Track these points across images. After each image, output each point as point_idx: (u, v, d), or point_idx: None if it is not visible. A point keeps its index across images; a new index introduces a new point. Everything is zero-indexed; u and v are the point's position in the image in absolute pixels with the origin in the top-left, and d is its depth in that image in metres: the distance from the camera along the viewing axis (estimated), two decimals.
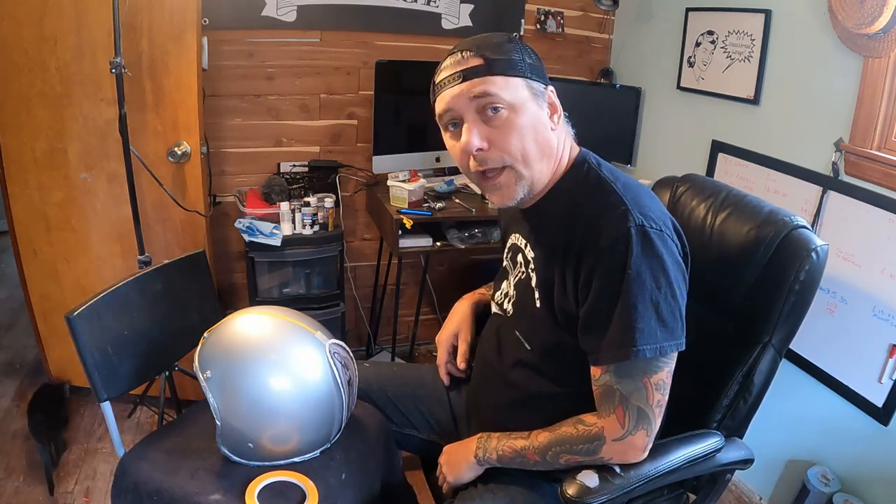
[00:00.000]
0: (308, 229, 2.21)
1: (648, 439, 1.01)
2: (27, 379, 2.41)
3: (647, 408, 0.98)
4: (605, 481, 1.00)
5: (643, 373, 0.97)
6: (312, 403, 1.15)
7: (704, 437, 1.12)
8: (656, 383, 0.98)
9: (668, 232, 0.98)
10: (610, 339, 0.96)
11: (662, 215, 1.01)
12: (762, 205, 1.24)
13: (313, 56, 2.35)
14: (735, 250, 1.21)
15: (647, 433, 1.00)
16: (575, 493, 0.98)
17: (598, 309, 0.97)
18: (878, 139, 1.64)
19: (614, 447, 1.00)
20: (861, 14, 1.57)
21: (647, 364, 0.97)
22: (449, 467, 1.19)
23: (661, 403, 1.00)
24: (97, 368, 1.26)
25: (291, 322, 1.20)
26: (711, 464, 1.13)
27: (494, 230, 2.22)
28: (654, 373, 0.98)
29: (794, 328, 1.18)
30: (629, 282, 0.94)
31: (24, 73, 1.87)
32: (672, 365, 1.00)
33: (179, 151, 1.97)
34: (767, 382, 1.20)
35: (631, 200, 0.98)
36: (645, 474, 1.03)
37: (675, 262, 0.98)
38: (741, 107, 2.07)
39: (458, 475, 1.17)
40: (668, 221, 1.01)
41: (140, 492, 1.16)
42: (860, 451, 1.71)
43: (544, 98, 1.03)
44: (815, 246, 1.14)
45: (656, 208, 1.01)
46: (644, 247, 0.94)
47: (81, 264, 2.12)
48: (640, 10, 2.56)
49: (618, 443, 1.00)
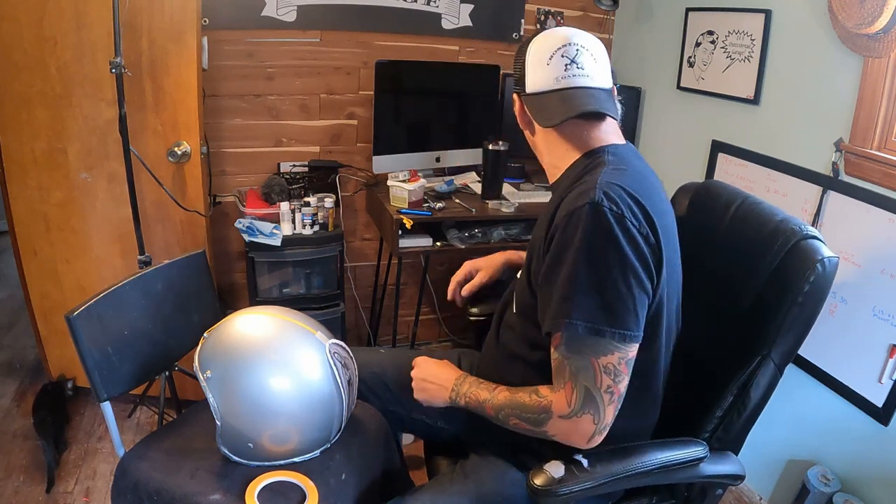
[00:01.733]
0: (308, 229, 2.21)
1: (595, 427, 1.00)
2: (27, 379, 2.41)
3: (595, 391, 0.98)
4: (570, 473, 1.01)
5: (591, 351, 0.97)
6: (312, 403, 1.16)
7: (686, 444, 1.10)
8: (605, 366, 0.97)
9: (630, 218, 0.96)
10: (551, 307, 0.99)
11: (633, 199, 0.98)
12: (775, 212, 1.22)
13: (313, 56, 2.35)
14: (743, 257, 1.19)
15: (594, 420, 0.99)
16: (542, 482, 0.99)
17: (547, 277, 1.01)
18: (878, 139, 1.64)
19: (559, 424, 1.01)
20: (861, 14, 1.57)
21: (594, 343, 0.97)
22: (423, 389, 1.23)
23: (612, 391, 0.99)
24: (97, 368, 1.26)
25: (291, 322, 1.20)
26: (693, 473, 1.11)
27: (494, 230, 2.23)
28: (603, 354, 0.97)
29: (797, 342, 1.16)
30: (574, 254, 0.96)
31: (24, 73, 1.87)
32: (627, 354, 0.98)
33: (179, 151, 1.97)
34: (765, 398, 1.17)
35: (603, 182, 0.98)
36: (613, 471, 1.03)
37: (633, 247, 0.96)
38: (741, 107, 2.07)
39: (430, 399, 1.23)
40: (637, 210, 0.98)
41: (140, 492, 1.16)
42: (860, 451, 1.71)
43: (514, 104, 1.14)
44: (822, 257, 1.10)
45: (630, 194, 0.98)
46: (598, 225, 0.95)
47: (81, 264, 2.12)
48: (640, 10, 2.56)
49: (563, 420, 1.01)
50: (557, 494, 0.99)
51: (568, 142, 1.10)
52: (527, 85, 1.08)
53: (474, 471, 1.19)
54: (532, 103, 1.08)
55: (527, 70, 1.07)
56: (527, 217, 2.24)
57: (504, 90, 2.50)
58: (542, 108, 1.06)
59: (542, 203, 2.27)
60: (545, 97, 1.06)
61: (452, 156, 2.51)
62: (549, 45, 1.06)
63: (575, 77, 1.04)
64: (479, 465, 1.20)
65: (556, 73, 1.05)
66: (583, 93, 1.04)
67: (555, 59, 1.04)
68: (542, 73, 1.06)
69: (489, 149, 2.20)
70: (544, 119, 1.06)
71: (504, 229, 2.24)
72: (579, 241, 0.95)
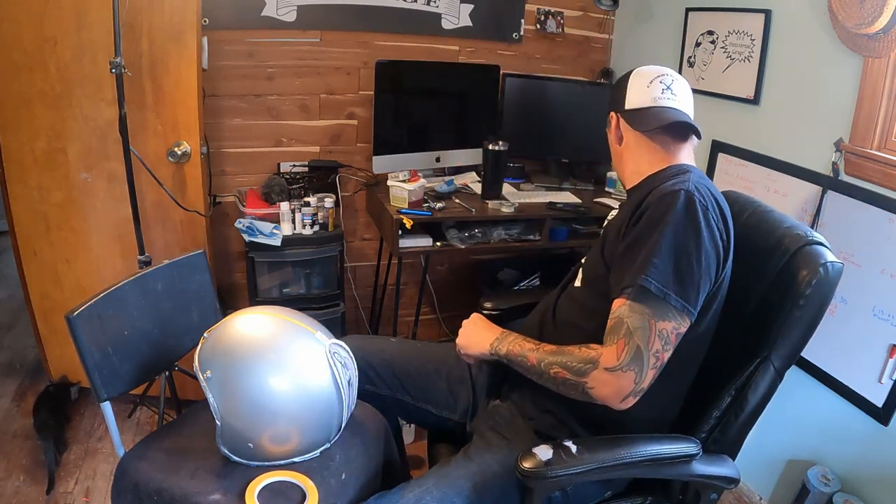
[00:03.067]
0: (308, 229, 2.21)
1: (634, 387, 1.05)
2: (27, 379, 2.41)
3: (646, 350, 1.05)
4: (558, 457, 1.03)
5: (651, 313, 1.05)
6: (312, 403, 1.16)
7: (678, 440, 1.12)
8: (660, 331, 1.05)
9: (713, 213, 1.10)
10: (633, 267, 1.08)
11: (716, 201, 1.13)
12: (784, 220, 1.25)
13: (313, 56, 2.35)
14: (751, 261, 1.21)
15: (635, 379, 1.05)
16: (530, 465, 1.02)
17: (630, 246, 1.11)
18: (878, 139, 1.64)
19: (602, 376, 1.07)
20: (861, 14, 1.57)
21: (657, 305, 1.05)
22: (467, 335, 1.34)
23: (659, 356, 1.06)
24: (97, 368, 1.26)
25: (291, 322, 1.20)
26: (684, 471, 1.12)
27: (494, 230, 2.23)
28: (661, 319, 1.05)
29: (798, 346, 1.17)
30: (662, 226, 1.07)
31: (24, 73, 1.87)
32: (680, 326, 1.06)
33: (179, 151, 1.97)
34: (764, 401, 1.18)
35: (694, 180, 1.13)
36: (601, 458, 1.05)
37: (710, 237, 1.08)
38: (741, 107, 2.07)
39: (468, 348, 1.32)
40: (718, 210, 1.12)
41: (140, 492, 1.16)
42: (860, 451, 1.71)
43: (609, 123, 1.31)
44: (825, 261, 1.12)
45: (714, 196, 1.13)
46: (687, 209, 1.08)
47: (81, 264, 2.12)
48: (639, 10, 2.56)
49: (607, 373, 1.06)
50: (546, 477, 1.02)
51: (654, 153, 1.24)
52: (626, 103, 1.25)
53: (478, 454, 1.21)
54: (630, 116, 1.25)
55: (628, 91, 1.25)
56: (527, 217, 2.24)
57: (504, 90, 2.50)
58: (640, 118, 1.23)
59: (542, 203, 2.30)
60: (643, 111, 1.23)
61: (452, 156, 2.51)
62: (649, 73, 1.26)
63: (669, 100, 1.23)
64: (482, 450, 1.22)
65: (654, 94, 1.23)
66: (675, 112, 1.22)
67: (654, 84, 1.24)
68: (642, 93, 1.24)
69: (489, 149, 2.20)
70: (643, 125, 1.22)
71: (504, 229, 2.24)
72: (669, 218, 1.07)
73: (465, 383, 1.44)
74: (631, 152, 1.27)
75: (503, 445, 1.22)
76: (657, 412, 1.20)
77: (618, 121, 1.29)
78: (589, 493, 1.22)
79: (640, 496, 1.25)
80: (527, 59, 2.66)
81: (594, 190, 2.54)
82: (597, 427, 1.21)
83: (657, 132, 1.22)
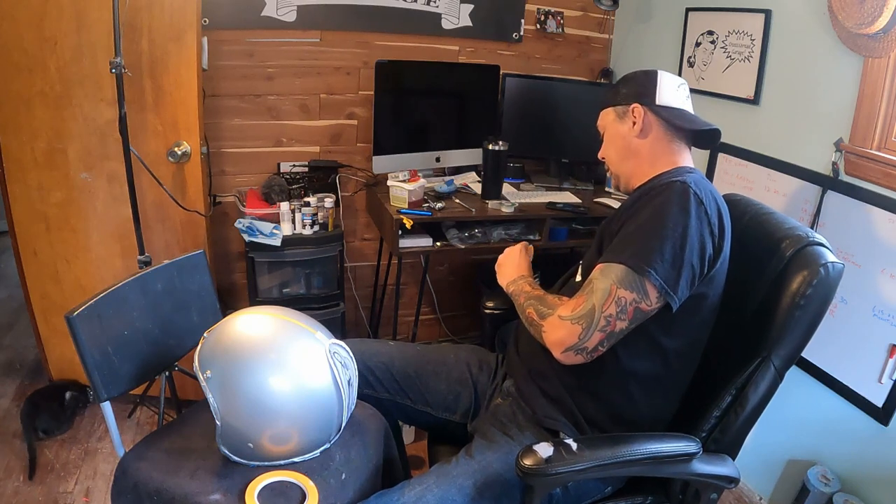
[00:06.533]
0: (308, 229, 2.21)
1: (577, 342, 1.11)
2: (27, 379, 2.41)
3: (598, 311, 1.10)
4: (559, 454, 1.04)
5: (616, 280, 1.10)
6: (312, 403, 1.16)
7: (678, 438, 1.12)
8: (619, 297, 1.10)
9: (708, 208, 1.12)
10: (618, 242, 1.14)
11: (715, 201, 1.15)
12: (785, 220, 1.26)
13: (313, 56, 2.35)
14: (753, 261, 1.22)
15: (580, 335, 1.11)
16: (531, 462, 1.03)
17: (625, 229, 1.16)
18: (878, 139, 1.64)
19: (553, 321, 1.16)
20: (861, 14, 1.57)
21: (624, 274, 1.10)
22: (500, 265, 1.47)
23: (610, 321, 1.10)
24: (97, 368, 1.26)
25: (291, 322, 1.20)
26: (684, 469, 1.12)
27: (494, 230, 2.22)
28: (624, 287, 1.09)
29: (798, 346, 1.17)
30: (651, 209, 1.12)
31: (24, 73, 1.87)
32: (642, 302, 1.10)
33: (179, 151, 1.97)
34: (764, 401, 1.18)
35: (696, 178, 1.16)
36: (601, 456, 1.05)
37: (698, 229, 1.10)
38: (741, 107, 2.07)
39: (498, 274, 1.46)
40: (715, 207, 1.14)
41: (140, 492, 1.16)
42: (860, 451, 1.71)
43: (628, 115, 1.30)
44: (825, 262, 1.13)
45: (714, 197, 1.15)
46: (680, 197, 1.11)
47: (81, 264, 2.12)
48: (639, 10, 2.56)
49: (559, 320, 1.14)
50: (546, 474, 1.02)
51: (669, 153, 1.28)
52: (657, 98, 1.28)
53: (480, 452, 1.21)
54: (665, 112, 1.27)
55: (660, 88, 1.29)
56: (527, 217, 2.24)
57: (504, 90, 2.50)
58: (678, 116, 1.27)
59: (542, 203, 2.29)
60: (677, 111, 1.28)
61: (452, 156, 2.51)
62: (675, 79, 1.32)
63: (690, 108, 1.32)
64: (484, 448, 1.22)
65: (682, 97, 1.31)
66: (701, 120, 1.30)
67: (681, 88, 1.32)
68: (674, 93, 1.29)
69: (489, 149, 2.20)
70: (688, 122, 1.28)
71: (504, 229, 2.24)
72: (661, 202, 1.12)
73: (465, 384, 1.45)
74: (650, 147, 1.29)
75: (504, 443, 1.23)
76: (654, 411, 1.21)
77: (645, 113, 1.28)
78: (589, 489, 1.22)
79: (640, 496, 1.26)
80: (527, 59, 2.67)
81: (594, 190, 2.54)
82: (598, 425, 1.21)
83: (687, 134, 1.29)
